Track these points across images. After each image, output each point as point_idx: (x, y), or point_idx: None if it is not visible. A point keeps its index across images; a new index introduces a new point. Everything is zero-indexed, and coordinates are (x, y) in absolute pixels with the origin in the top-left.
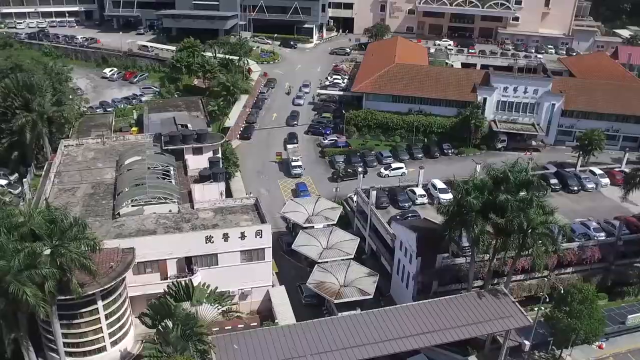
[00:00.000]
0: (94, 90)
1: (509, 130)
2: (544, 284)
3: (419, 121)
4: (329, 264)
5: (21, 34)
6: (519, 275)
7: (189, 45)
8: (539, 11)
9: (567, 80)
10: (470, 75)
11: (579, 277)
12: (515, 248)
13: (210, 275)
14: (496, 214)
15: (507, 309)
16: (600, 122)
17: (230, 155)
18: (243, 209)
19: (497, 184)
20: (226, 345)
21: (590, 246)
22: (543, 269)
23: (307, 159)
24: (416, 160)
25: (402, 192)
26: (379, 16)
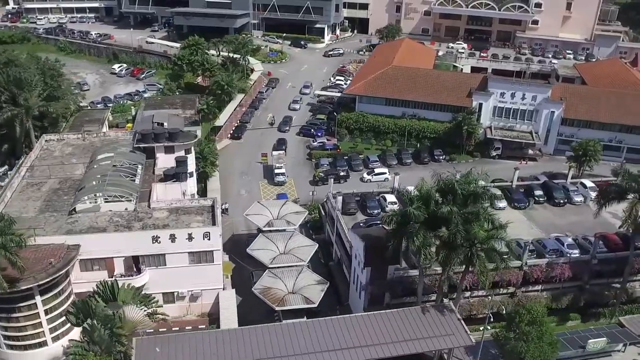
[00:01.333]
0: (101, 86)
1: (504, 138)
2: (506, 302)
3: (412, 125)
4: (280, 269)
5: (39, 29)
6: (481, 291)
7: (193, 43)
8: (559, 15)
9: (568, 87)
10: (467, 80)
11: (547, 295)
12: (461, 263)
13: (158, 275)
14: (441, 227)
15: (451, 327)
16: (602, 132)
17: (209, 155)
18: (199, 210)
19: (445, 194)
20: (148, 347)
21: (561, 263)
22: (508, 286)
23: (295, 160)
24: (405, 165)
25: (373, 198)
26: (395, 17)
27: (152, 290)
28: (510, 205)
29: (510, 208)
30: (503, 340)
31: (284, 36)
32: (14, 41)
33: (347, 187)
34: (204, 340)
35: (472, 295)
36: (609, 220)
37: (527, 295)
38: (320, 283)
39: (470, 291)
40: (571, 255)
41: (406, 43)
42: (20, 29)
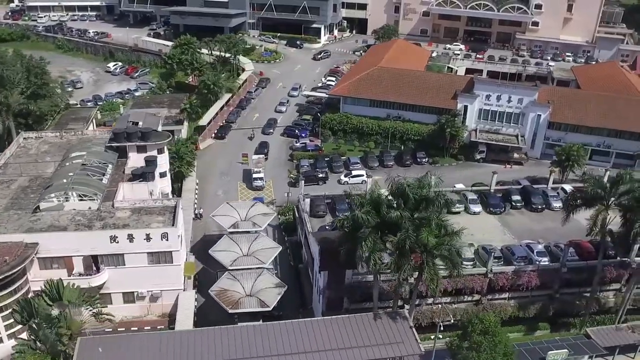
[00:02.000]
0: (95, 84)
1: (488, 141)
2: (472, 310)
3: (395, 127)
4: (240, 271)
5: (39, 27)
6: (444, 298)
7: (184, 42)
8: (560, 16)
9: (556, 90)
10: (454, 82)
11: (514, 304)
12: (412, 269)
13: (118, 275)
14: (392, 232)
15: (402, 335)
16: (590, 136)
17: (185, 155)
18: (162, 210)
19: (398, 199)
20: (91, 348)
21: (528, 271)
22: (473, 293)
23: (277, 161)
24: (386, 168)
25: (343, 201)
26: (393, 18)
27: (113, 289)
28: (486, 210)
29: (485, 213)
30: (456, 350)
31: (279, 36)
32: (13, 39)
33: (326, 189)
34: (150, 341)
35: (435, 302)
36: (587, 227)
37: (493, 303)
38: (278, 286)
39: (433, 298)
40: (540, 263)
41: (398, 44)
42: (20, 27)
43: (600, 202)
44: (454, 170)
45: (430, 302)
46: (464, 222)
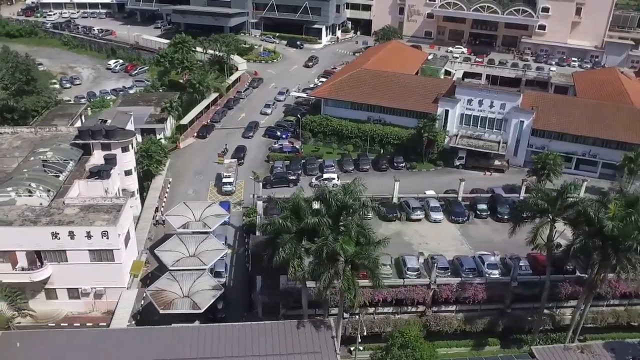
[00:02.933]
0: (93, 81)
1: (466, 147)
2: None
3: (375, 131)
4: (181, 272)
5: (47, 24)
6: (387, 308)
7: (179, 41)
8: (568, 20)
9: (541, 96)
10: (437, 85)
11: (461, 317)
12: (331, 277)
13: (61, 270)
14: (312, 239)
15: (322, 344)
16: (576, 144)
17: (155, 154)
18: (110, 208)
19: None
20: (10, 342)
21: (475, 284)
22: (417, 304)
23: (254, 162)
24: (362, 172)
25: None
26: (398, 19)
27: (57, 285)
28: (449, 219)
29: (447, 221)
30: None
31: (278, 35)
32: (22, 35)
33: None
34: (72, 338)
35: (377, 312)
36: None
37: (438, 316)
38: (214, 289)
39: (374, 307)
40: (489, 276)
41: (393, 45)
42: (29, 23)
43: (545, 215)
44: (431, 176)
45: (371, 312)
46: (424, 229)
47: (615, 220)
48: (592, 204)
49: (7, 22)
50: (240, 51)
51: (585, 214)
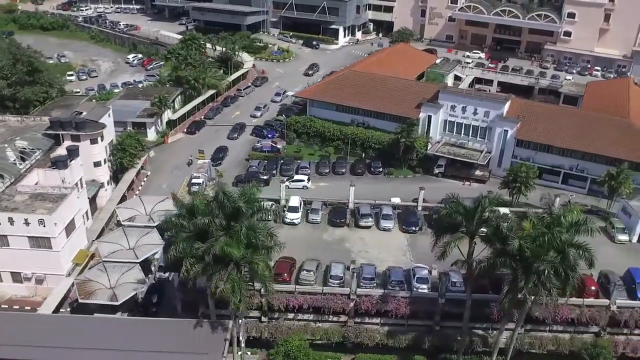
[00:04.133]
0: (111, 74)
1: (444, 155)
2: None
3: (357, 134)
4: (112, 264)
5: (79, 18)
6: (306, 315)
7: (188, 38)
8: (595, 27)
9: (529, 105)
10: (423, 90)
11: (385, 331)
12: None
13: (4, 254)
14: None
15: (211, 346)
16: (563, 158)
17: (128, 147)
18: (57, 198)
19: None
20: None
21: (399, 297)
22: (339, 314)
23: (235, 160)
24: (338, 175)
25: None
26: (420, 22)
27: (1, 268)
28: (401, 228)
29: (399, 230)
30: None
31: (292, 34)
32: (54, 28)
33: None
34: None
35: (295, 317)
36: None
37: (360, 327)
38: (139, 282)
39: (293, 313)
40: (417, 290)
41: (398, 48)
42: (63, 17)
43: (459, 230)
44: (407, 183)
45: (291, 317)
46: (370, 237)
47: (526, 240)
48: (507, 220)
49: (42, 16)
50: (255, 49)
51: (498, 231)
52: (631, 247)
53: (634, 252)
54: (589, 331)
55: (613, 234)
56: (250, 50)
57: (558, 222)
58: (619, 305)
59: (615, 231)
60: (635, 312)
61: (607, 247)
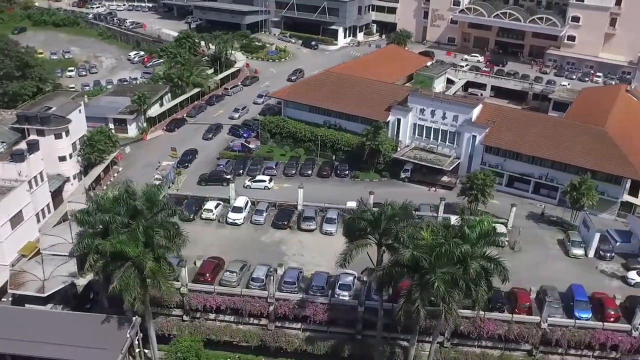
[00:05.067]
0: (111, 70)
1: (410, 160)
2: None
3: (327, 136)
4: (50, 257)
5: (89, 15)
6: (227, 316)
7: (182, 37)
8: (600, 32)
9: (501, 110)
10: (396, 92)
11: (304, 337)
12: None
13: None
14: None
15: (112, 342)
16: (532, 166)
17: (97, 143)
18: (6, 190)
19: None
20: None
21: (317, 303)
22: (259, 317)
23: (207, 159)
24: (303, 177)
25: (190, 202)
26: (422, 23)
27: None
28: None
29: (341, 234)
30: None
31: (290, 34)
32: (65, 24)
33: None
34: None
35: (217, 318)
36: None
37: (279, 332)
38: (70, 276)
39: (214, 314)
40: (337, 297)
41: (387, 49)
42: (74, 14)
43: (363, 236)
44: (372, 187)
45: (212, 318)
46: (309, 241)
47: (422, 250)
48: (407, 228)
49: (54, 12)
50: (252, 49)
51: (397, 239)
52: (586, 261)
53: (587, 268)
54: (521, 349)
55: (568, 248)
56: (248, 50)
57: (461, 233)
58: (551, 323)
59: (570, 244)
60: (568, 331)
61: (561, 261)
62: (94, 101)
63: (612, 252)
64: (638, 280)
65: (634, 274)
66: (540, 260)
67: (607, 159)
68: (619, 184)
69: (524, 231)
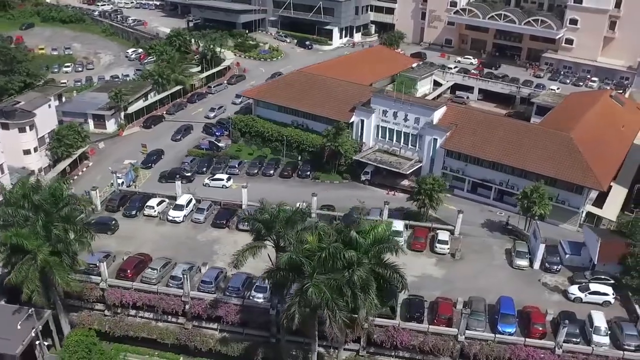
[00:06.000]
0: (108, 67)
1: (370, 162)
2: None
3: (292, 136)
4: None
5: (95, 12)
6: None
7: (173, 35)
8: (599, 35)
9: (464, 112)
10: (363, 93)
11: (219, 337)
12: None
13: None
14: None
15: (17, 332)
16: (493, 172)
17: (64, 138)
18: None
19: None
20: None
21: (231, 304)
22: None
23: (177, 157)
24: (265, 176)
25: (134, 198)
26: (420, 24)
27: None
28: None
29: None
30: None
31: (285, 34)
32: (72, 21)
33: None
34: None
35: (137, 314)
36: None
37: (194, 331)
38: None
39: (136, 310)
40: (252, 299)
41: (375, 50)
42: (80, 11)
43: (260, 238)
44: (331, 188)
45: (133, 314)
46: (248, 241)
47: (302, 254)
48: (301, 232)
49: (62, 9)
50: (246, 48)
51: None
52: (530, 273)
53: (529, 280)
54: None
55: (513, 258)
56: (241, 49)
57: (346, 238)
58: (469, 336)
59: (515, 255)
60: (487, 345)
61: (503, 271)
62: (78, 97)
63: (559, 265)
64: (578, 295)
65: (574, 289)
66: (481, 271)
67: (568, 167)
68: (580, 194)
69: (473, 239)
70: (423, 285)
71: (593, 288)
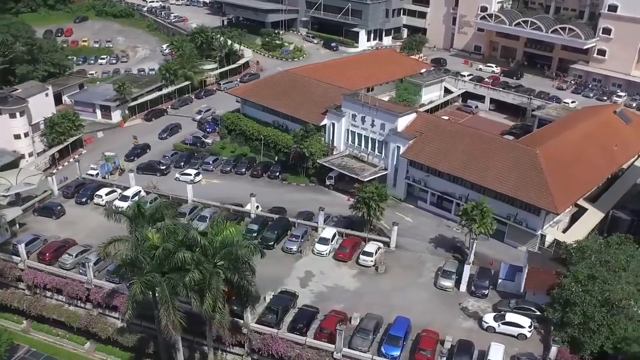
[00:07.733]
0: (141, 60)
1: (333, 167)
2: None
3: (270, 136)
4: None
5: (144, 8)
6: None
7: (197, 32)
8: (634, 46)
9: (435, 121)
10: (337, 95)
11: (119, 326)
12: None
13: None
14: None
15: None
16: (454, 185)
17: (55, 125)
18: None
19: None
20: None
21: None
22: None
23: (161, 151)
24: (237, 175)
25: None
26: (451, 29)
27: None
28: None
29: None
30: None
31: (312, 35)
32: (122, 15)
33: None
34: None
35: (53, 297)
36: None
37: (99, 318)
38: None
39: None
40: None
41: (383, 53)
42: (129, 6)
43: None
44: (295, 190)
45: (49, 296)
46: None
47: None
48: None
49: (114, 4)
50: (271, 47)
51: None
52: (453, 295)
53: (450, 302)
54: None
55: (438, 278)
56: (267, 48)
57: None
58: (346, 354)
59: (440, 274)
60: None
61: (424, 290)
62: (92, 88)
63: (487, 289)
64: (491, 324)
65: (489, 317)
66: (400, 287)
67: (525, 185)
68: (538, 215)
69: (409, 254)
70: (330, 296)
71: (509, 318)
